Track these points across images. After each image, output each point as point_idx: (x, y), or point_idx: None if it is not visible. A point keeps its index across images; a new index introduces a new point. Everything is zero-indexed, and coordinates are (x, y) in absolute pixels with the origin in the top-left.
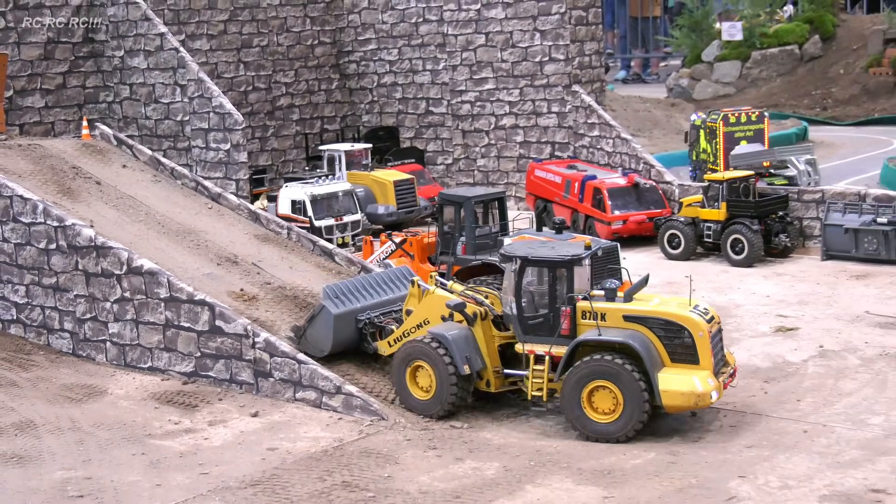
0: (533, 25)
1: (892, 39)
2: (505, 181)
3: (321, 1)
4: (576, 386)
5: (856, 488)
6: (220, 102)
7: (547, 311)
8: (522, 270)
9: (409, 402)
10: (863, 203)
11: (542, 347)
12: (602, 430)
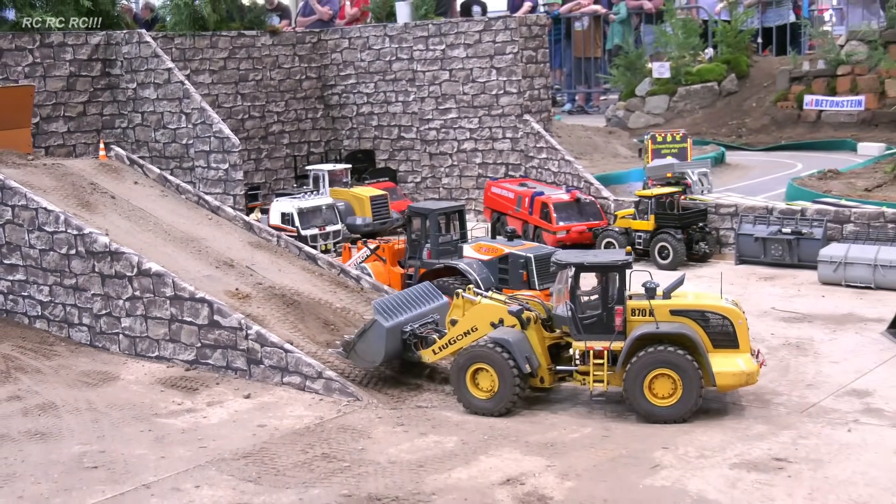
0: (490, 63)
1: (796, 78)
2: (466, 196)
3: (308, 42)
4: (638, 375)
5: (761, 457)
6: (220, 128)
7: (600, 311)
8: (578, 276)
9: (470, 402)
10: (770, 216)
11: (601, 344)
12: (663, 413)
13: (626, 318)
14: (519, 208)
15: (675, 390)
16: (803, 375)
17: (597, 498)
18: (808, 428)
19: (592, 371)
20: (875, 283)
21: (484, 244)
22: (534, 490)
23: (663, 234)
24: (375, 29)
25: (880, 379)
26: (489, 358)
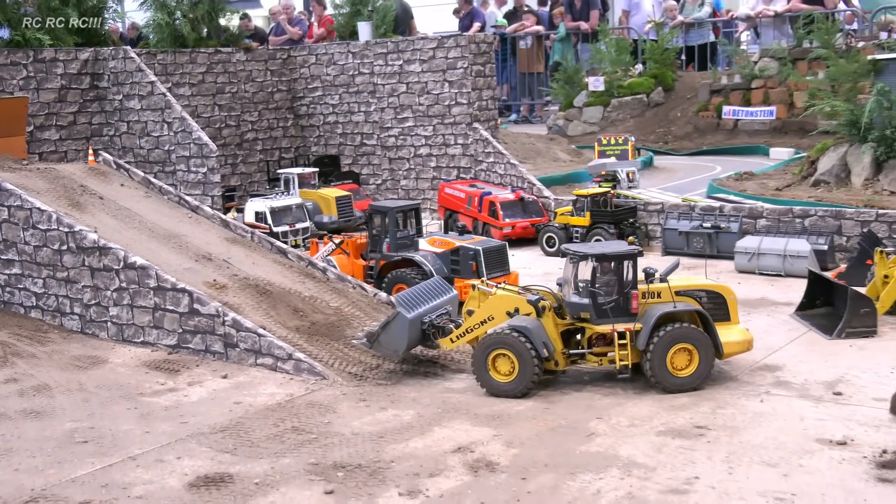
0: (443, 77)
1: (715, 91)
2: (422, 197)
3: (279, 58)
4: (662, 350)
5: (684, 425)
6: (199, 136)
7: (617, 297)
8: (595, 266)
9: (491, 385)
10: (692, 212)
11: (624, 325)
12: (680, 382)
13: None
14: (469, 207)
15: (690, 362)
16: None
17: (538, 462)
18: (726, 399)
19: (618, 351)
20: (784, 271)
21: (437, 238)
22: (482, 457)
23: (598, 229)
24: (340, 46)
25: (789, 355)
26: (509, 344)
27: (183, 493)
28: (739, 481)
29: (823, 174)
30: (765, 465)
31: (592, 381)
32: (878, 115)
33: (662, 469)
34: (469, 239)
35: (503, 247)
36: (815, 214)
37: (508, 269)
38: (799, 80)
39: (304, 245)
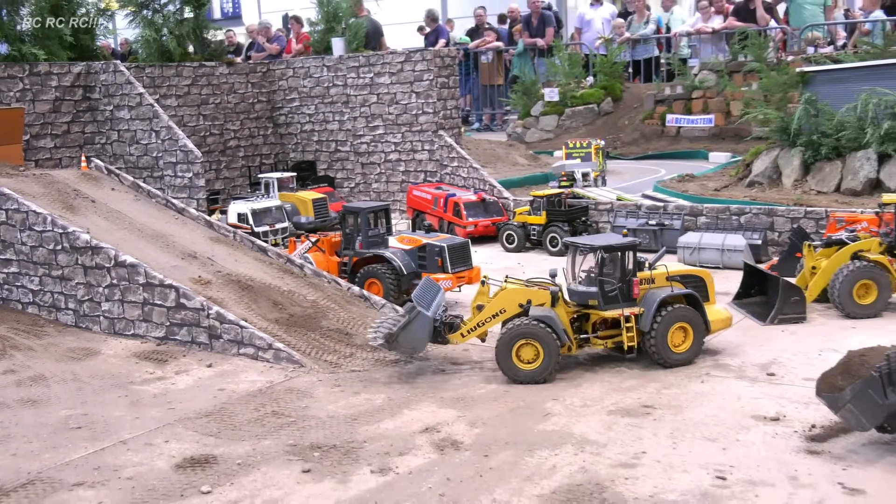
0: (410, 88)
1: (660, 101)
2: (392, 199)
3: (259, 71)
4: (664, 330)
5: (632, 405)
6: (185, 143)
7: (619, 283)
8: (604, 257)
9: (516, 372)
10: (639, 211)
11: (630, 310)
12: (678, 358)
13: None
14: (435, 207)
15: (685, 339)
16: None
17: (499, 441)
18: (670, 380)
19: (625, 333)
20: (723, 264)
21: (406, 236)
22: (448, 436)
23: (553, 227)
24: (315, 60)
25: (727, 341)
26: (534, 333)
27: (170, 473)
28: (683, 455)
29: (757, 176)
30: (706, 440)
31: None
32: (806, 122)
33: (613, 445)
34: (435, 237)
35: (466, 244)
36: (750, 212)
37: (471, 264)
38: (735, 90)
39: (282, 244)
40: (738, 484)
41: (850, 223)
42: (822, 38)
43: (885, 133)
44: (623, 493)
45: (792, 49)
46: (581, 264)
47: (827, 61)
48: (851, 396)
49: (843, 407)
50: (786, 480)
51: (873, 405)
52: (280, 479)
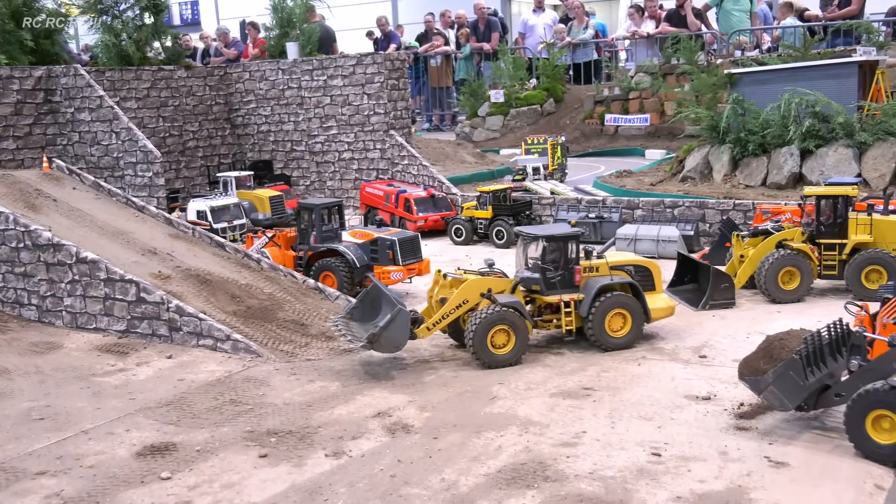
0: (362, 90)
1: (599, 101)
2: (346, 196)
3: (216, 74)
4: (601, 315)
5: (573, 387)
6: (144, 144)
7: (562, 271)
8: (545, 246)
9: (491, 358)
10: (580, 204)
11: (570, 296)
12: (616, 342)
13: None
14: (387, 203)
15: (624, 325)
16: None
17: (448, 424)
18: (609, 364)
19: (564, 317)
20: (658, 254)
21: (358, 231)
22: (399, 420)
23: (499, 221)
24: (270, 64)
25: (661, 325)
26: (509, 319)
27: (131, 461)
28: (620, 433)
29: (690, 171)
30: (642, 419)
31: None
32: (734, 121)
33: (555, 426)
34: (386, 231)
35: (416, 237)
36: (683, 205)
37: (421, 257)
38: (668, 91)
39: (240, 239)
40: (672, 460)
41: (775, 214)
42: (749, 42)
43: (806, 130)
44: (564, 470)
45: (721, 53)
46: (529, 252)
47: (752, 64)
48: (774, 379)
49: (765, 389)
50: (716, 455)
51: (795, 386)
52: (237, 464)
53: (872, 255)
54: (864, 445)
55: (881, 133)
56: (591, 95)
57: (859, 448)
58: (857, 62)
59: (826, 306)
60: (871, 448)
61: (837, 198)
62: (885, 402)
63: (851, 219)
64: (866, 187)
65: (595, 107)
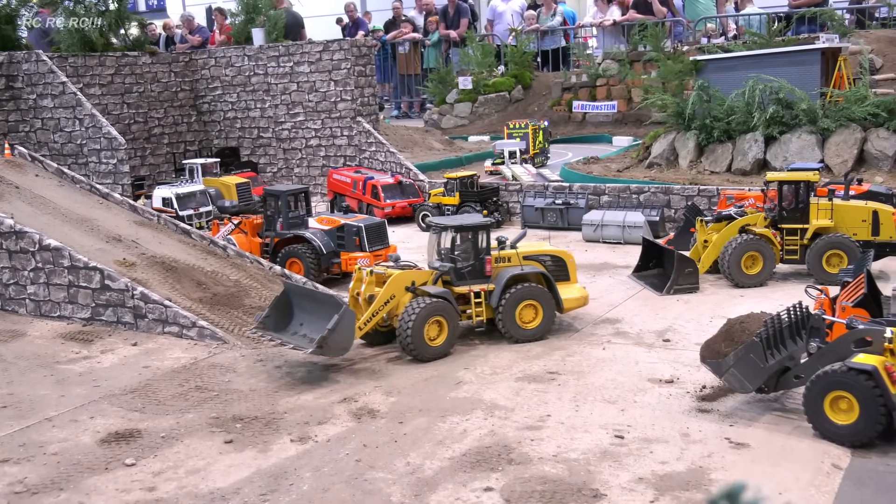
0: (329, 77)
1: (567, 88)
2: (313, 183)
3: (182, 61)
4: (511, 307)
5: (539, 371)
6: (108, 131)
7: (473, 262)
8: (455, 236)
9: (427, 352)
10: (547, 191)
11: (480, 286)
12: (527, 334)
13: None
14: (355, 190)
15: (536, 316)
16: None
17: (413, 408)
18: (574, 348)
19: (474, 308)
20: (624, 240)
21: (325, 217)
22: (365, 405)
23: (466, 207)
24: (236, 50)
25: (626, 310)
26: (443, 310)
27: (95, 448)
28: (584, 416)
29: (656, 157)
30: (606, 403)
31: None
32: (699, 107)
33: (520, 409)
34: (352, 217)
35: (383, 223)
36: (649, 191)
37: (388, 243)
38: (635, 78)
39: (206, 226)
40: (634, 442)
41: (739, 200)
42: (715, 30)
43: (770, 117)
44: (528, 453)
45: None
46: (441, 243)
47: (718, 51)
48: (734, 361)
49: (726, 372)
50: (678, 437)
51: (755, 369)
52: (203, 450)
53: (833, 239)
54: (822, 426)
55: (843, 119)
56: (559, 82)
57: (818, 428)
58: (820, 49)
59: (788, 290)
60: (829, 428)
61: (799, 183)
62: (843, 384)
63: (813, 204)
64: (829, 173)
65: (563, 94)
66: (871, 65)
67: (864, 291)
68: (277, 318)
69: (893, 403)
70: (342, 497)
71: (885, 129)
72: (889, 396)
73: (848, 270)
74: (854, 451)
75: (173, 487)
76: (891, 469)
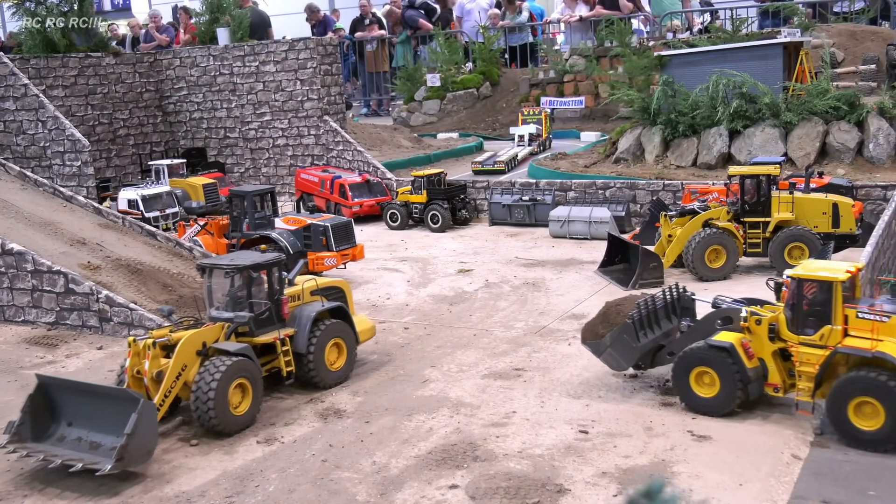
0: (295, 76)
1: (534, 84)
2: (281, 182)
3: (146, 61)
4: (321, 349)
5: (505, 368)
6: (72, 132)
7: (270, 305)
8: (250, 277)
9: (233, 423)
10: (514, 187)
11: (285, 332)
12: (337, 376)
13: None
14: (322, 189)
15: (340, 355)
16: (537, 306)
17: (380, 408)
18: (540, 344)
19: (283, 357)
20: (590, 235)
21: (291, 217)
22: (331, 405)
23: (434, 205)
24: (201, 50)
25: (592, 305)
26: (246, 370)
27: None
28: (549, 412)
29: (623, 153)
30: (570, 398)
31: (424, 335)
32: (664, 102)
33: (486, 406)
34: (319, 217)
35: (349, 223)
36: (615, 186)
37: (355, 242)
38: (602, 74)
39: (172, 228)
40: (599, 436)
41: (703, 194)
42: (681, 25)
43: (734, 111)
44: (494, 449)
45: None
46: (223, 287)
47: (683, 46)
48: (611, 342)
49: (604, 352)
50: (642, 431)
51: (628, 348)
52: (168, 453)
53: (794, 232)
54: (689, 399)
55: (805, 113)
56: (527, 79)
57: (685, 401)
58: (782, 43)
59: (751, 283)
60: (696, 401)
61: (761, 177)
62: (705, 360)
63: (774, 197)
64: (792, 166)
65: (531, 90)
66: (832, 58)
67: None
68: (36, 424)
69: (748, 377)
70: (308, 497)
71: (846, 122)
72: (745, 370)
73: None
74: (813, 442)
75: (138, 491)
76: (848, 458)
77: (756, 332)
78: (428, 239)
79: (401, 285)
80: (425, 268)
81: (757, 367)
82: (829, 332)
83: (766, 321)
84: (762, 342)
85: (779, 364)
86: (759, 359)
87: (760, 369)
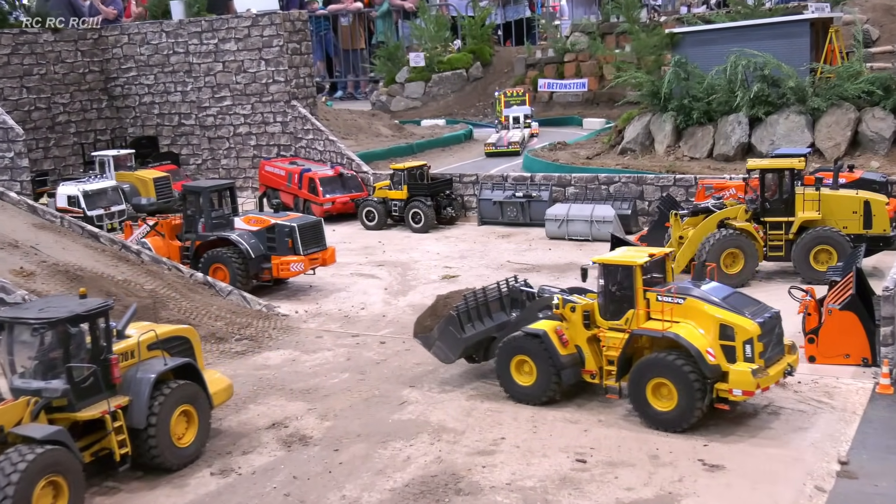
0: (259, 55)
1: (531, 64)
2: (244, 176)
3: (90, 38)
4: (165, 417)
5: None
6: (4, 119)
7: (95, 368)
8: (70, 333)
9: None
10: (506, 182)
11: (116, 402)
12: (186, 454)
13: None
14: (290, 184)
15: (190, 425)
16: None
17: (351, 434)
18: None
19: (116, 437)
20: (592, 236)
21: (253, 216)
22: (296, 431)
23: (415, 202)
24: (153, 25)
25: None
26: (58, 465)
27: None
28: (543, 439)
29: (629, 142)
30: (567, 423)
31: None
32: (677, 86)
33: (471, 432)
34: (284, 216)
35: (319, 223)
36: (620, 181)
37: (325, 245)
38: (607, 53)
39: (118, 228)
40: (598, 466)
41: (719, 190)
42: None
43: (754, 96)
44: (479, 482)
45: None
46: (30, 347)
47: (698, 22)
48: (438, 335)
49: (433, 345)
50: (646, 459)
51: (454, 340)
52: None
53: (821, 233)
54: (510, 388)
55: (835, 98)
56: (523, 58)
57: (507, 391)
58: (808, 20)
59: (773, 291)
60: (517, 390)
61: (783, 171)
62: (521, 348)
63: (798, 194)
64: (820, 158)
65: (527, 71)
66: (865, 36)
67: (853, 292)
68: None
69: (562, 363)
70: None
71: (881, 109)
72: (558, 357)
73: (837, 268)
74: (839, 472)
75: None
76: (879, 491)
77: (571, 320)
78: (409, 240)
79: (377, 293)
80: (405, 273)
81: (573, 353)
82: (633, 315)
83: (580, 308)
84: (577, 329)
85: (595, 350)
86: (576, 346)
87: (577, 356)
